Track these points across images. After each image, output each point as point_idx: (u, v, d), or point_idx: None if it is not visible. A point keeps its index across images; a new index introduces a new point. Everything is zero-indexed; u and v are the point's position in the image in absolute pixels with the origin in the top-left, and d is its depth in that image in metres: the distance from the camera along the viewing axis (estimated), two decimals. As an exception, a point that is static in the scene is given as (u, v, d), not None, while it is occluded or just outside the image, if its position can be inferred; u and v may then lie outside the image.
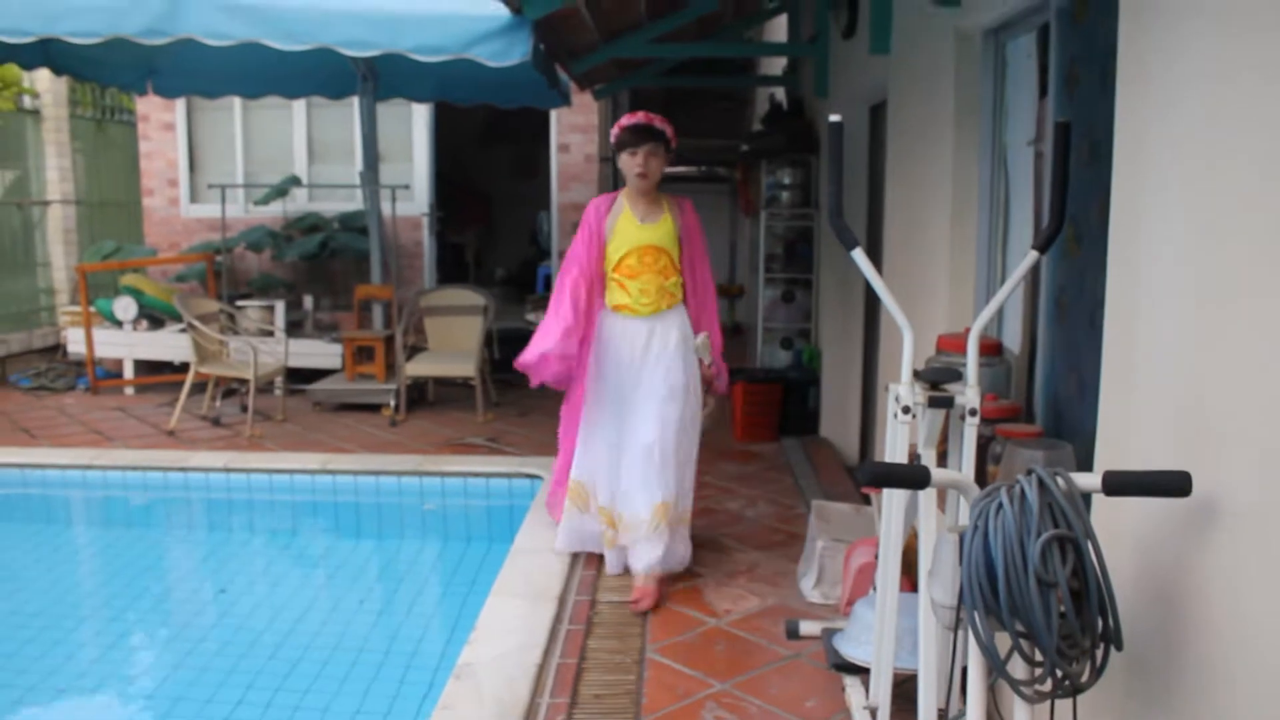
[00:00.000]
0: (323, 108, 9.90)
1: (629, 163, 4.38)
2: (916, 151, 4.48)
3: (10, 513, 6.45)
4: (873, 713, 3.06)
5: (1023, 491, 2.03)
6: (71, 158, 10.56)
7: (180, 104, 10.08)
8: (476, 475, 6.13)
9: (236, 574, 5.51)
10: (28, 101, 10.11)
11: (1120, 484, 2.03)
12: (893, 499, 2.86)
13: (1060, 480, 2.05)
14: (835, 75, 6.96)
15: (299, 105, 9.98)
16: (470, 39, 5.40)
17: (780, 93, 9.57)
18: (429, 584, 5.45)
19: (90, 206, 10.90)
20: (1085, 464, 2.72)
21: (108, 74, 7.95)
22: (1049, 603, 1.96)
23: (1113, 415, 2.45)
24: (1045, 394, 3.23)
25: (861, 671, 3.28)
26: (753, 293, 8.93)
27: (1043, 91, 3.41)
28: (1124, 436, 2.39)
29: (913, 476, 2.11)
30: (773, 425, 7.11)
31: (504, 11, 5.31)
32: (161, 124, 10.28)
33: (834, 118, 2.77)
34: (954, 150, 3.90)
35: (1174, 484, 1.97)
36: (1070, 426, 3.02)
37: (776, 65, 10.25)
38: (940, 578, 2.28)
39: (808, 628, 3.84)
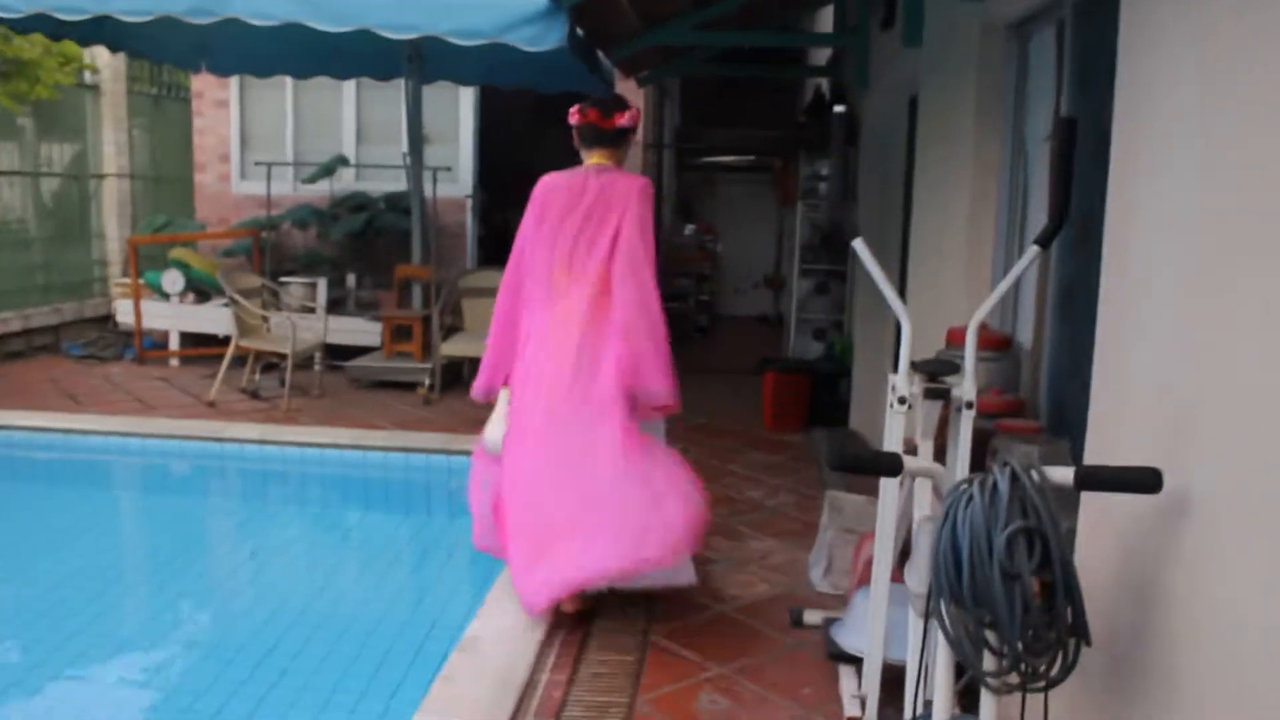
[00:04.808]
0: (372, 88, 9.98)
1: None
2: (941, 143, 4.46)
3: (52, 476, 6.65)
4: (862, 702, 3.08)
5: (994, 483, 2.04)
6: (129, 133, 10.79)
7: (234, 82, 10.23)
8: (503, 455, 6.19)
9: (266, 541, 5.64)
10: (88, 77, 10.34)
11: (1092, 479, 2.03)
12: (888, 489, 2.87)
13: (1034, 474, 2.05)
14: (876, 66, 6.93)
15: (349, 85, 10.08)
16: (507, 24, 5.44)
17: (825, 84, 9.54)
18: (453, 558, 5.52)
19: (145, 181, 11.14)
20: (1083, 460, 2.71)
21: (162, 51, 8.12)
22: (1013, 594, 1.96)
23: (1103, 410, 2.45)
24: (1049, 388, 3.22)
25: (856, 661, 3.30)
26: (790, 283, 8.92)
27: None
28: (1115, 431, 2.39)
29: (884, 463, 2.13)
30: (801, 416, 7.11)
31: (540, -4, 5.36)
32: (215, 101, 10.44)
33: (838, 109, 2.79)
34: (975, 142, 3.89)
35: (1143, 481, 1.97)
36: (1073, 422, 3.01)
37: (823, 56, 10.21)
38: (916, 566, 2.29)
39: (811, 617, 3.88)
